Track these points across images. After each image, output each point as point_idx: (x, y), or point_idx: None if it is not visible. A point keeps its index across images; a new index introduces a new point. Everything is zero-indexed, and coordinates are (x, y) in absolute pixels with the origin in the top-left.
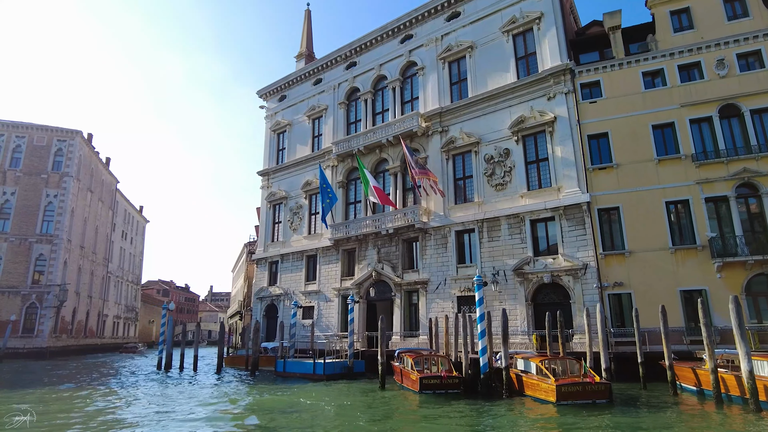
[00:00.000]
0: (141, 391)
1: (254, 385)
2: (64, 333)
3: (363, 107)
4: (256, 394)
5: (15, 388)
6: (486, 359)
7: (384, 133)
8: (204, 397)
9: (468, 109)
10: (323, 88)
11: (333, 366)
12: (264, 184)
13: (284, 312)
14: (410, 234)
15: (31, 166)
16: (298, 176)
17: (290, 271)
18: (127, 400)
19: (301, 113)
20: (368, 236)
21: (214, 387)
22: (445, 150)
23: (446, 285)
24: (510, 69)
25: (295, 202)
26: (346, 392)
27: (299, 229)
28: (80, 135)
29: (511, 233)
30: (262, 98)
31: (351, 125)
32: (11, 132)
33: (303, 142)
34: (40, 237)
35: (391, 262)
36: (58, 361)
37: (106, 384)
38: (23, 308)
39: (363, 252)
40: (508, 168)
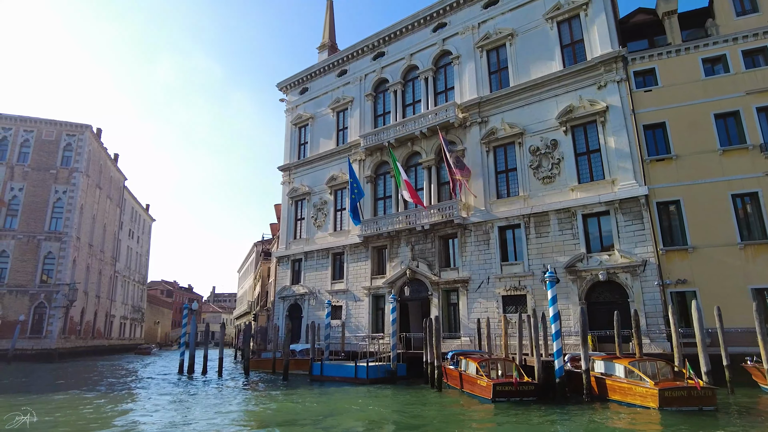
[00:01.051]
0: (183, 402)
1: (294, 390)
2: (73, 334)
3: (392, 99)
4: (301, 400)
5: (41, 392)
6: (561, 362)
7: (417, 125)
8: (251, 407)
9: (510, 99)
10: (348, 79)
11: (376, 369)
12: (285, 179)
13: (309, 312)
14: (448, 230)
15: (39, 161)
16: (322, 171)
17: (315, 269)
18: (173, 409)
19: (324, 106)
20: (401, 233)
21: (252, 394)
22: (486, 142)
23: (489, 284)
24: (555, 57)
25: (320, 197)
26: (401, 398)
27: (324, 226)
28: (89, 129)
29: (561, 228)
30: (281, 91)
31: (378, 118)
32: (19, 126)
33: (327, 135)
34: (49, 234)
35: (427, 260)
36: (69, 364)
37: (133, 391)
38: (31, 308)
39: (395, 249)
40: (556, 160)
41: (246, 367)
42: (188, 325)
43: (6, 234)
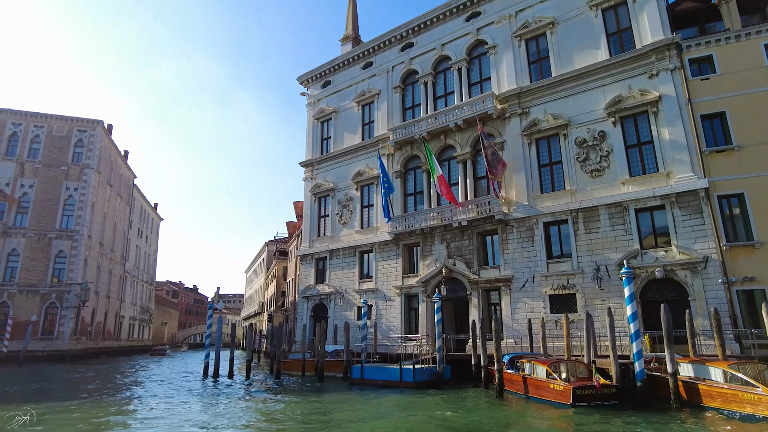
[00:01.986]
0: (238, 416)
1: (342, 396)
2: (84, 335)
3: (422, 91)
4: (364, 407)
5: (68, 397)
6: (642, 364)
7: (451, 117)
8: (319, 416)
9: (552, 90)
10: (374, 71)
11: (422, 372)
12: (307, 175)
13: (336, 312)
14: (487, 226)
15: (50, 158)
16: (346, 166)
17: (341, 267)
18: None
19: (348, 99)
20: (435, 229)
21: (304, 401)
22: (527, 134)
23: (534, 283)
24: (600, 46)
25: (345, 194)
26: (464, 405)
27: (350, 223)
28: (101, 125)
29: (612, 224)
30: (302, 84)
31: (407, 110)
32: (29, 121)
33: (351, 129)
34: (60, 232)
35: (464, 258)
36: (83, 366)
37: (171, 398)
38: (42, 308)
39: (429, 247)
40: (605, 152)
41: (277, 370)
42: (213, 326)
43: (16, 232)
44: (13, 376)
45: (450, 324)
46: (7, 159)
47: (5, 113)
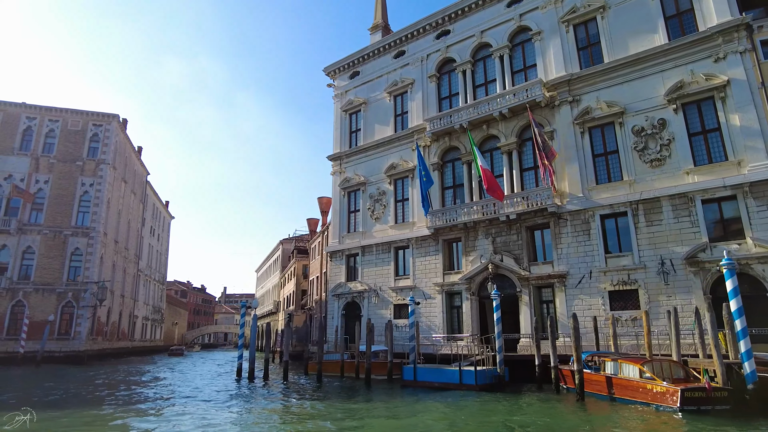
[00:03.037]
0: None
1: (402, 399)
2: (100, 335)
3: (460, 79)
4: (451, 414)
5: (120, 403)
6: (753, 365)
7: (495, 106)
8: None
9: (605, 76)
10: (407, 60)
11: (484, 374)
12: (336, 169)
13: (370, 310)
14: (537, 220)
15: (65, 153)
16: (378, 159)
17: (374, 264)
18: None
19: (379, 90)
20: (479, 224)
21: (357, 407)
22: (579, 122)
23: (592, 279)
24: (658, 30)
25: (377, 188)
26: (536, 408)
27: (383, 218)
28: (116, 119)
29: (676, 216)
30: (329, 76)
31: (444, 100)
32: (44, 115)
33: (383, 121)
34: (76, 229)
35: (513, 253)
36: (101, 367)
37: (225, 404)
38: (59, 307)
39: (471, 242)
40: (666, 141)
41: (319, 372)
42: (247, 326)
43: (32, 229)
44: (40, 378)
45: (510, 321)
46: (22, 154)
47: (20, 107)
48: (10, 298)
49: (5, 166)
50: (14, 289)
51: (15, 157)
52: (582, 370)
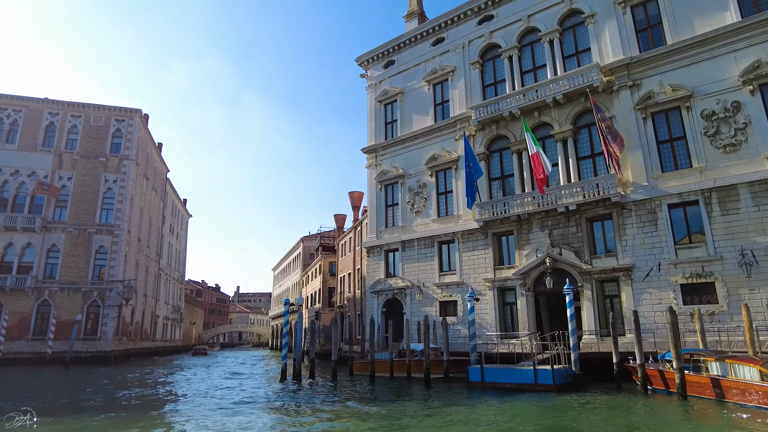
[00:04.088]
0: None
1: (478, 402)
2: (125, 335)
3: (506, 66)
4: (574, 420)
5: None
6: None
7: (548, 91)
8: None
9: (669, 58)
10: (447, 47)
11: (561, 374)
12: (371, 162)
13: (413, 307)
14: (598, 210)
15: (88, 149)
16: (417, 151)
17: (416, 260)
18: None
19: (417, 79)
20: (533, 216)
21: (438, 412)
22: (641, 107)
23: (660, 271)
24: (728, 7)
25: (416, 180)
26: (644, 411)
27: (424, 212)
28: (139, 114)
29: (756, 203)
30: (361, 66)
31: (487, 88)
32: (66, 111)
33: (421, 111)
34: (100, 227)
35: (572, 246)
36: (128, 367)
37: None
38: (84, 307)
39: (525, 235)
40: (741, 125)
41: (372, 373)
42: (291, 324)
43: (56, 227)
44: (76, 380)
45: (551, 319)
46: (45, 150)
47: (42, 103)
48: (36, 298)
49: (28, 162)
50: (40, 288)
51: (38, 153)
52: (683, 370)
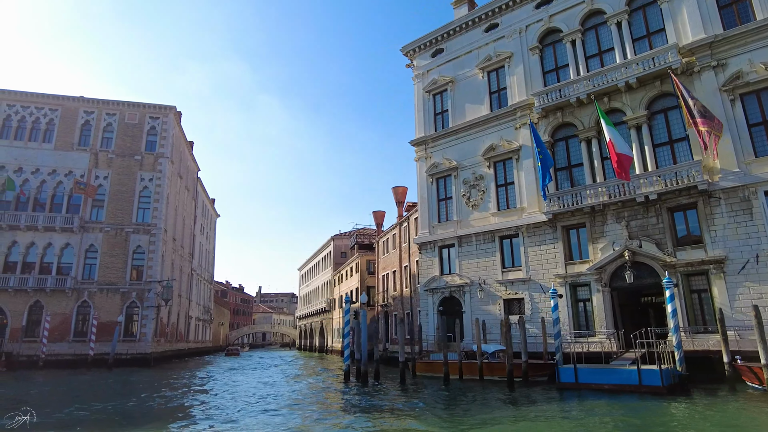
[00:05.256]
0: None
1: (598, 406)
2: (162, 336)
3: (569, 50)
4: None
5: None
6: None
7: (619, 75)
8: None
9: (760, 35)
10: (502, 33)
11: (668, 374)
12: (420, 154)
13: (473, 306)
14: (681, 199)
15: (123, 147)
16: (472, 141)
17: (475, 256)
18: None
19: (469, 67)
20: (608, 207)
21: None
22: (728, 89)
23: (759, 263)
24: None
25: (472, 172)
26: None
27: (482, 205)
28: (173, 111)
29: None
30: (406, 56)
31: (547, 74)
32: (101, 109)
33: (475, 100)
34: (137, 226)
35: (653, 238)
36: (169, 369)
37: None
38: (123, 308)
39: (599, 227)
40: None
41: (446, 375)
42: (354, 322)
43: (93, 226)
44: (127, 383)
45: (622, 315)
46: (81, 149)
47: (78, 101)
48: (76, 299)
49: (65, 162)
50: (79, 289)
51: (74, 152)
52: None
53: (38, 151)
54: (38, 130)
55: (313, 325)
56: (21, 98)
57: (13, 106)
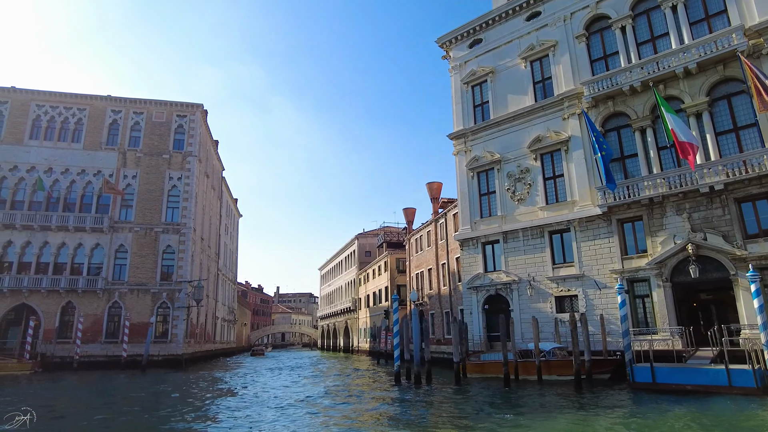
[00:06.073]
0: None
1: (688, 409)
2: (192, 337)
3: (618, 37)
4: None
5: None
6: None
7: (677, 61)
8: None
9: None
10: (545, 21)
11: (762, 374)
12: (459, 148)
13: (522, 303)
14: (751, 189)
15: (151, 146)
16: (516, 133)
17: (522, 252)
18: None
19: (510, 56)
20: (667, 198)
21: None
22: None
23: None
24: None
25: (517, 165)
26: None
27: (529, 199)
28: (200, 109)
29: None
30: (441, 47)
31: (595, 63)
32: (129, 108)
33: (518, 90)
34: (167, 226)
35: (719, 230)
36: (202, 371)
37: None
38: (154, 309)
39: (658, 220)
40: None
41: (506, 376)
42: (403, 321)
43: (123, 226)
44: (167, 385)
45: (679, 311)
46: (109, 149)
47: (105, 100)
48: (107, 300)
49: (94, 161)
50: (110, 290)
51: (103, 152)
52: None
53: (67, 151)
54: (67, 130)
55: (336, 325)
56: (50, 98)
57: (42, 106)
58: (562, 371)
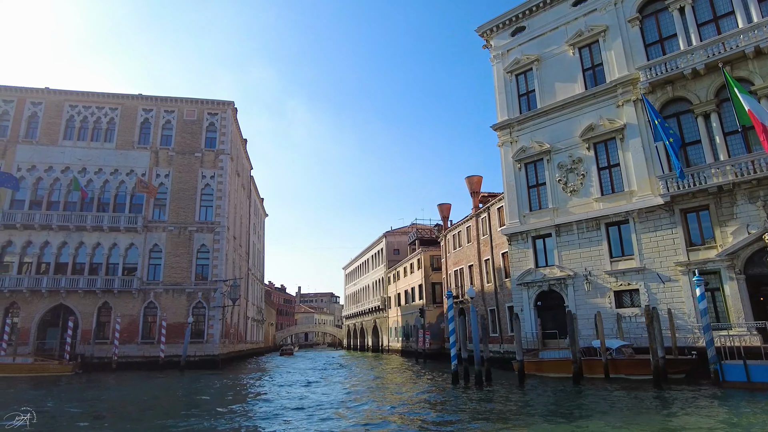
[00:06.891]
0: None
1: None
2: (227, 337)
3: (677, 18)
4: None
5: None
6: None
7: (747, 40)
8: None
9: None
10: (594, 6)
11: None
12: (504, 139)
13: (578, 299)
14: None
15: (183, 144)
16: (566, 122)
17: (576, 245)
18: None
19: (556, 43)
20: (737, 186)
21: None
22: None
23: None
24: None
25: (568, 155)
26: None
27: (582, 190)
28: (231, 106)
29: None
30: (482, 36)
31: (649, 47)
32: (160, 106)
33: (566, 78)
34: (201, 225)
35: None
36: (240, 372)
37: None
38: (190, 309)
39: (727, 209)
40: None
41: (575, 374)
42: (459, 318)
43: (156, 226)
44: (217, 388)
45: (755, 306)
46: (141, 147)
47: (136, 99)
48: (142, 300)
49: (127, 161)
50: (145, 290)
51: (135, 151)
52: None
53: (101, 151)
54: (100, 130)
55: (364, 324)
56: (82, 98)
57: (75, 106)
58: (630, 370)
